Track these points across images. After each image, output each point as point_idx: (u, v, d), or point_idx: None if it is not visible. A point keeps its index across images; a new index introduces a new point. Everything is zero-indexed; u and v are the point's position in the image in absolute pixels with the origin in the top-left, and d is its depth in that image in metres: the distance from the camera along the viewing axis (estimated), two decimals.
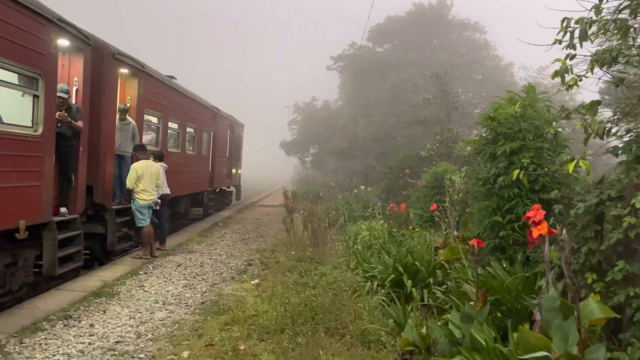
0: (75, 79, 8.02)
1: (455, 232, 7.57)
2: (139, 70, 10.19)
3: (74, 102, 7.98)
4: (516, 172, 4.90)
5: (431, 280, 6.30)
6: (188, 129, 14.12)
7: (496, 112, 5.91)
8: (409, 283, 6.24)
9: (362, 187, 17.35)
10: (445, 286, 5.96)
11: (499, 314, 4.79)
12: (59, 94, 7.19)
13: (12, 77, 6.29)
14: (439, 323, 4.51)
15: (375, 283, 6.46)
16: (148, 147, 10.07)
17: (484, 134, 6.13)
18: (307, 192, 23.45)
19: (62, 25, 7.13)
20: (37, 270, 7.19)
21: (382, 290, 6.34)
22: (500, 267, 5.29)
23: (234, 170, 21.87)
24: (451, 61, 26.00)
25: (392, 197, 16.17)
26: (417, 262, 6.54)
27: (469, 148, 6.22)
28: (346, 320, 5.30)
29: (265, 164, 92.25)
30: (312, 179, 40.29)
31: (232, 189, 22.72)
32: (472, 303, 4.55)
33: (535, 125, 5.50)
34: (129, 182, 9.21)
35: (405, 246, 8.00)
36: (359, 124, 28.77)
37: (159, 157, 10.16)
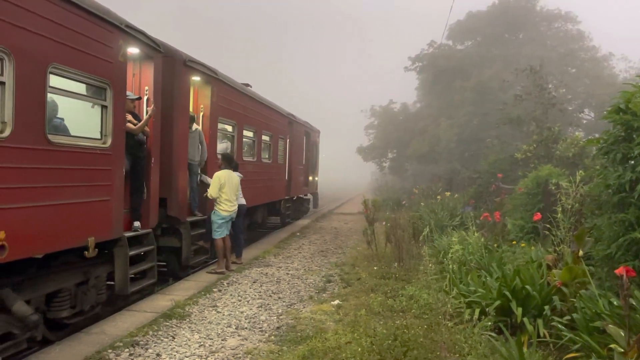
0: (146, 87, 7.72)
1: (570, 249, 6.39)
2: (212, 78, 9.84)
3: (144, 111, 7.70)
4: None
5: (547, 308, 5.21)
6: (264, 137, 13.73)
7: (629, 102, 4.75)
8: (519, 311, 5.20)
9: (448, 194, 16.13)
10: (567, 318, 4.87)
11: None
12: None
13: (80, 88, 6.00)
14: None
15: (478, 310, 5.46)
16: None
17: (612, 130, 4.97)
18: (386, 200, 22.47)
19: (130, 32, 6.82)
20: (112, 283, 6.90)
21: (485, 319, 5.34)
22: None
23: (310, 178, 21.40)
24: (541, 55, 23.95)
25: (482, 204, 14.85)
26: (527, 286, 5.47)
27: (594, 149, 5.11)
28: None
29: (342, 169, 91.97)
30: (390, 185, 39.17)
31: (310, 196, 22.26)
32: (617, 348, 3.50)
33: None
34: (213, 191, 8.87)
35: (508, 264, 6.92)
36: (441, 125, 27.30)
37: (234, 167, 9.73)
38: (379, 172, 45.17)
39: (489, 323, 5.22)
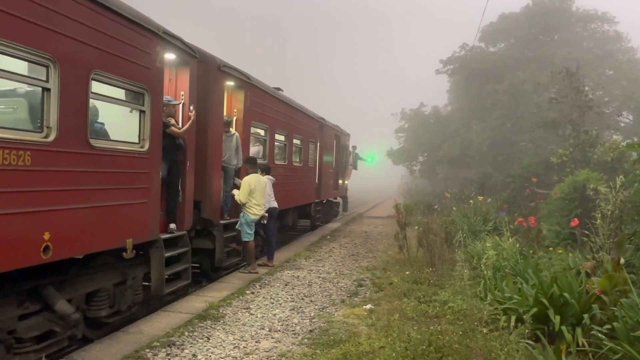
0: (182, 93, 7.88)
1: (609, 256, 6.22)
2: (245, 82, 9.97)
3: (180, 115, 7.88)
4: None
5: (586, 317, 5.08)
6: (295, 141, 13.82)
7: None
8: (557, 320, 5.09)
9: (481, 198, 15.90)
10: (606, 327, 4.75)
11: None
12: None
13: (119, 93, 6.18)
14: None
15: (514, 317, 5.37)
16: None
17: None
18: (417, 203, 22.28)
19: (167, 39, 6.98)
20: (147, 284, 7.05)
21: (522, 326, 5.25)
22: None
23: (340, 181, 21.39)
24: (577, 57, 23.39)
25: (515, 209, 14.58)
26: (565, 294, 5.35)
27: (634, 154, 4.97)
28: None
29: (371, 172, 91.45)
30: (421, 188, 38.80)
31: (339, 200, 22.25)
32: None
33: None
34: (242, 196, 9.00)
35: (544, 270, 6.79)
36: (473, 129, 26.90)
37: (265, 170, 9.86)
38: (409, 176, 44.74)
39: (526, 331, 5.12)
